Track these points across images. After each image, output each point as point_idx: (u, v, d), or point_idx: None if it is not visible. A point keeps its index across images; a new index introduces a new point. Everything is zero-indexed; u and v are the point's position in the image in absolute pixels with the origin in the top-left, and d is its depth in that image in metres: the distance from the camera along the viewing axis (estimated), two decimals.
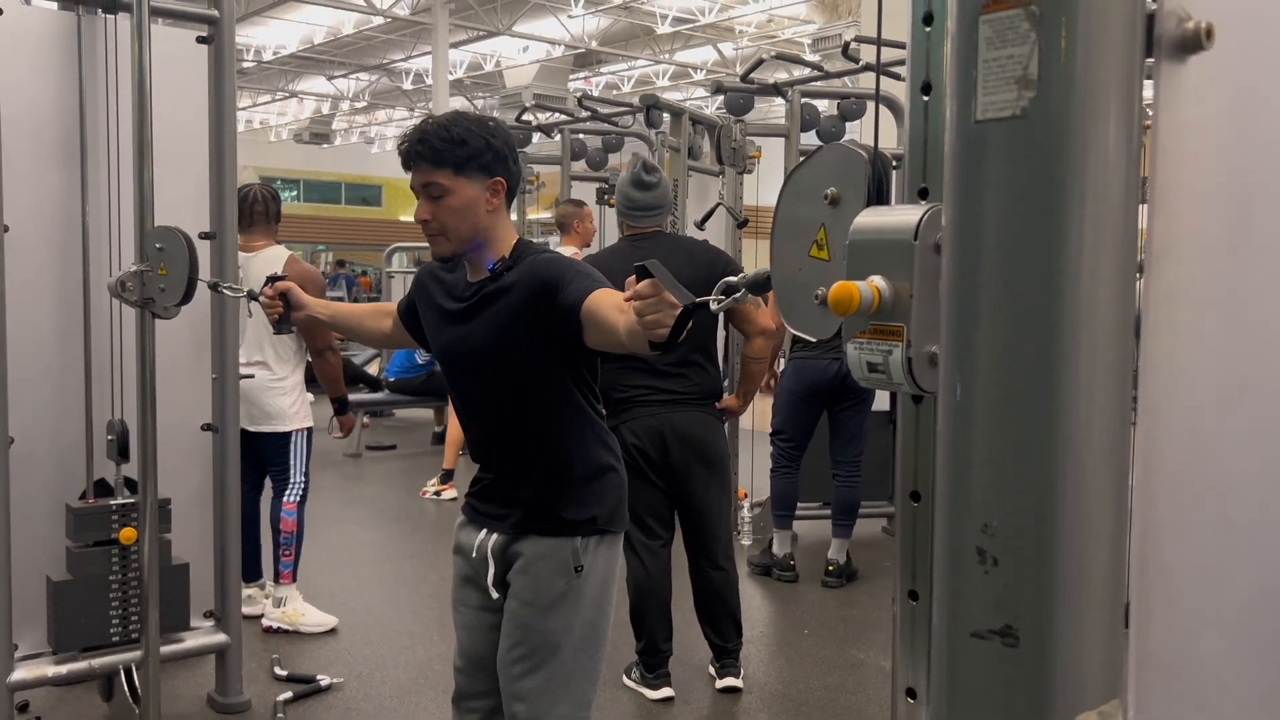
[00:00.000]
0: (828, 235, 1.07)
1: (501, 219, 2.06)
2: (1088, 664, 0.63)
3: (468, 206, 1.99)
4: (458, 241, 2.02)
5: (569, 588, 2.04)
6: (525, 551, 2.07)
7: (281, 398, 4.05)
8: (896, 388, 0.95)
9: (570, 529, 2.05)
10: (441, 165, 1.97)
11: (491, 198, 2.02)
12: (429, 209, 2.00)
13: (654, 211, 3.58)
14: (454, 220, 1.99)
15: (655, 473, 3.47)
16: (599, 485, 2.09)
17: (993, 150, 0.63)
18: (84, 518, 2.95)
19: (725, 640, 3.59)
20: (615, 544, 2.13)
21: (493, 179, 2.01)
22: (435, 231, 2.01)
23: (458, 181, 1.98)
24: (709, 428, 3.51)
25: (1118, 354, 0.63)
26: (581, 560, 2.04)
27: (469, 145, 1.97)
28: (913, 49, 0.96)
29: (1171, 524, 0.69)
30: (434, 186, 1.98)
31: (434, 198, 1.99)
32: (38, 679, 2.95)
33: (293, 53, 20.09)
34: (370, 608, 4.42)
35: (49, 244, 3.01)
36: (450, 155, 1.96)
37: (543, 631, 2.04)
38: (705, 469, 3.49)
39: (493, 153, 2.00)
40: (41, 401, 3.01)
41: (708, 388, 3.52)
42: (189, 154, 3.13)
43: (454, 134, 1.97)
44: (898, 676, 1.06)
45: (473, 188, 1.99)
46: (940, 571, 0.69)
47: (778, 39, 18.02)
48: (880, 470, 5.32)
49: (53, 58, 2.99)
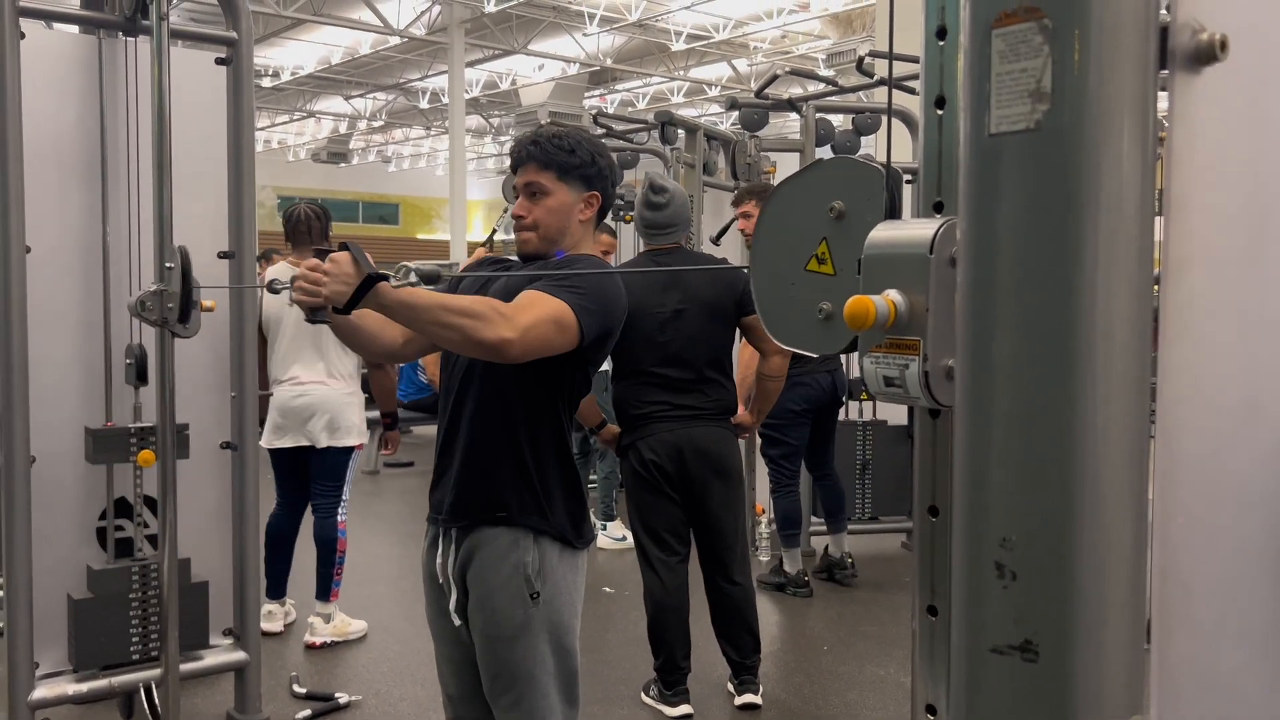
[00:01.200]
0: (831, 249, 1.07)
1: (588, 233, 2.17)
2: (1108, 679, 0.62)
3: (562, 210, 2.11)
4: (544, 241, 2.11)
5: (528, 617, 2.01)
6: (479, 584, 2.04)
7: (355, 412, 4.09)
8: (913, 402, 0.95)
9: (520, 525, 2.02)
10: (548, 167, 2.09)
11: (585, 209, 2.14)
12: (527, 206, 2.11)
13: (667, 230, 3.58)
14: (547, 219, 2.10)
15: (671, 488, 3.47)
16: (556, 495, 2.06)
17: (1007, 163, 0.63)
18: (103, 439, 2.96)
19: (743, 656, 3.57)
20: (576, 563, 2.09)
21: (590, 192, 2.13)
22: (527, 228, 2.11)
23: (559, 185, 2.10)
24: (725, 442, 3.51)
25: (1135, 367, 0.62)
26: (536, 587, 2.01)
27: (576, 155, 2.10)
28: (926, 63, 0.96)
29: (1192, 538, 0.69)
30: (535, 185, 2.09)
31: (534, 196, 2.10)
32: (59, 697, 2.96)
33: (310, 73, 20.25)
34: (388, 625, 4.42)
35: (71, 264, 3.04)
36: (557, 160, 2.09)
37: (513, 663, 2.02)
38: (721, 484, 3.48)
39: (596, 169, 2.13)
40: (63, 421, 3.03)
41: (724, 403, 3.52)
42: (208, 174, 3.16)
43: (565, 143, 2.10)
44: (917, 692, 1.05)
45: (571, 194, 2.11)
46: (959, 586, 0.68)
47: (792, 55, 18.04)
48: (898, 485, 5.31)
49: (74, 80, 3.02)
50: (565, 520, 2.06)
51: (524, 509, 2.02)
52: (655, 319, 3.45)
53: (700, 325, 3.45)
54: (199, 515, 3.12)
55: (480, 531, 2.04)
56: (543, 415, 2.05)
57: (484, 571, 2.03)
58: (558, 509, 2.05)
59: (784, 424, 4.82)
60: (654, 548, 3.52)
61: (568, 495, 2.07)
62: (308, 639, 4.09)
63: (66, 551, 3.03)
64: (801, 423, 4.80)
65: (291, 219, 4.09)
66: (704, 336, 3.45)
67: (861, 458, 5.38)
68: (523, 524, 2.02)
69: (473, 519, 2.05)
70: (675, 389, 3.44)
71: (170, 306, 2.66)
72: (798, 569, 4.90)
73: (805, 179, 1.13)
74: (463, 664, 2.14)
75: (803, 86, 11.91)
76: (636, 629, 4.43)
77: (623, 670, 3.94)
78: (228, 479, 3.27)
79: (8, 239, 2.81)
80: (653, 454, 3.43)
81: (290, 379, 4.00)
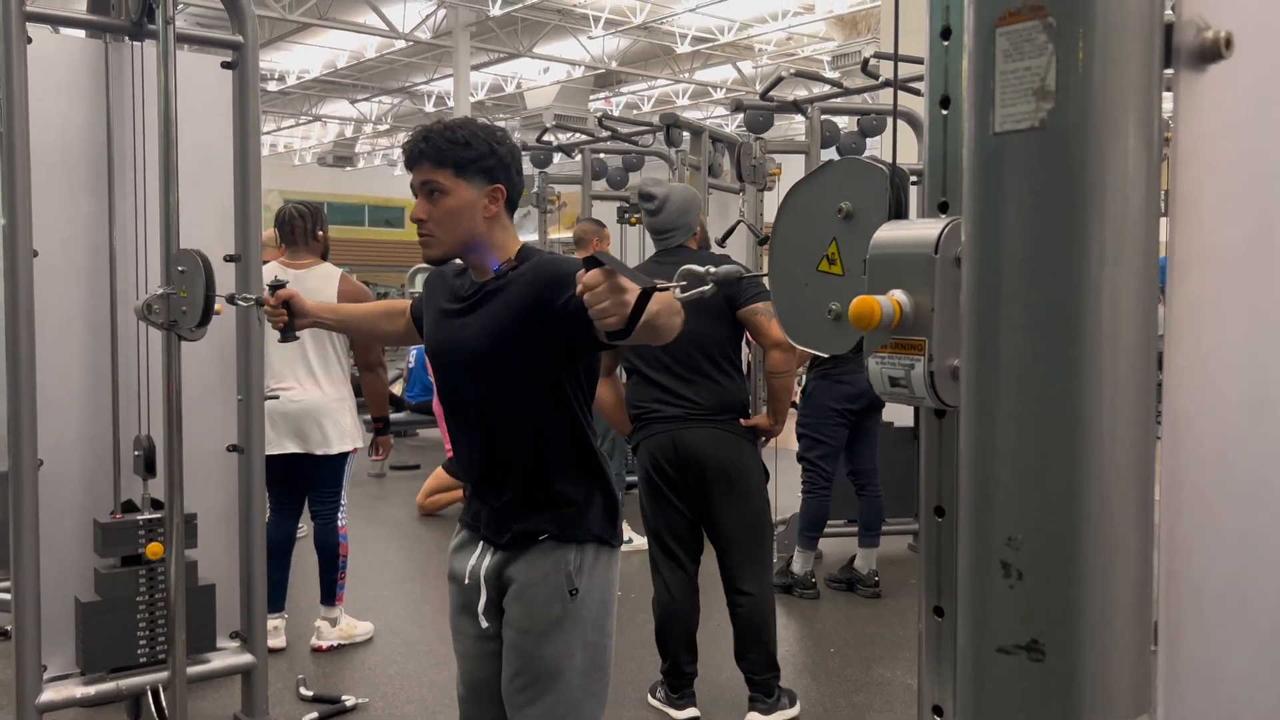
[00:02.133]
0: (840, 249, 1.06)
1: (500, 225, 2.05)
2: (1115, 679, 0.62)
3: (464, 209, 1.98)
4: (449, 244, 2.00)
5: (565, 612, 1.99)
6: (518, 577, 2.03)
7: (347, 417, 4.08)
8: (919, 402, 0.94)
9: (562, 539, 2.00)
10: (443, 165, 1.97)
11: (490, 204, 2.01)
12: (425, 208, 1.99)
13: (665, 233, 3.53)
14: (448, 221, 1.98)
15: (672, 490, 3.41)
16: (590, 498, 2.04)
17: (1011, 162, 0.63)
18: (111, 532, 2.98)
19: (752, 672, 3.46)
20: (611, 561, 2.07)
21: (493, 185, 2.01)
22: (427, 232, 2.00)
23: (457, 183, 1.97)
24: (723, 444, 3.37)
25: (1141, 366, 0.62)
26: (576, 583, 1.99)
27: (472, 148, 1.97)
28: (931, 63, 0.96)
29: (1199, 538, 0.69)
30: (433, 184, 1.97)
31: (432, 196, 1.98)
32: (66, 700, 2.97)
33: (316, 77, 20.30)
34: (395, 628, 4.43)
35: (77, 268, 3.04)
36: (452, 156, 1.96)
37: (542, 659, 2.00)
38: (723, 488, 3.37)
39: (495, 159, 2.00)
40: (70, 424, 3.04)
41: (721, 401, 3.38)
42: (214, 178, 3.17)
43: (459, 136, 1.97)
44: (924, 693, 1.05)
45: (471, 191, 1.99)
46: (965, 586, 0.68)
47: (797, 57, 18.04)
48: (904, 487, 5.30)
49: (81, 85, 3.03)
50: (602, 520, 2.05)
51: (564, 526, 2.01)
52: None
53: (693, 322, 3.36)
54: (205, 518, 3.13)
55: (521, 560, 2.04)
56: (560, 419, 2.01)
57: (526, 567, 2.02)
58: (595, 511, 2.04)
59: (822, 423, 4.76)
60: (658, 551, 3.50)
61: (601, 495, 2.06)
62: (314, 643, 4.09)
63: (74, 555, 3.04)
64: (840, 422, 4.75)
65: (281, 220, 4.09)
66: (698, 334, 3.27)
67: None
68: (567, 538, 2.01)
69: (513, 546, 2.04)
70: (669, 388, 3.37)
71: (184, 310, 2.65)
72: (806, 570, 4.89)
73: (816, 181, 1.13)
74: (480, 663, 2.13)
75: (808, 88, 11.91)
76: (643, 631, 4.42)
77: (629, 672, 3.94)
78: (234, 482, 3.28)
79: (15, 243, 2.82)
80: (650, 455, 3.40)
81: (282, 386, 3.99)
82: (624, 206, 7.52)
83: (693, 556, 3.51)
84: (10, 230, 2.82)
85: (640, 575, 5.40)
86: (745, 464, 3.43)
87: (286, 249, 4.10)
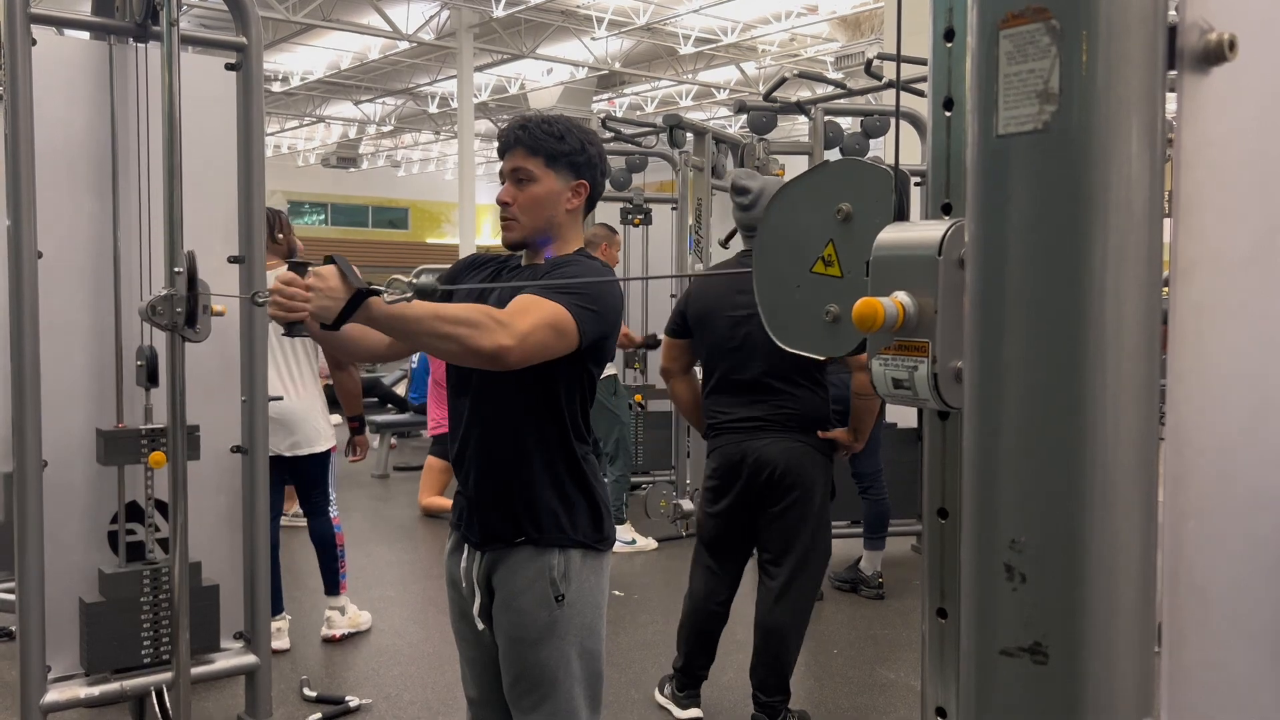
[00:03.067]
0: (837, 251, 1.06)
1: (575, 222, 2.11)
2: (1119, 681, 0.62)
3: (548, 198, 2.05)
4: (528, 229, 2.06)
5: (554, 619, 2.00)
6: (502, 586, 2.04)
7: (320, 418, 4.11)
8: (922, 404, 0.94)
9: (542, 545, 2.00)
10: (535, 153, 2.03)
11: (572, 197, 2.08)
12: (511, 193, 2.05)
13: (753, 232, 3.44)
14: (532, 208, 2.04)
15: (735, 498, 3.36)
16: (574, 503, 2.04)
17: (1015, 164, 0.63)
18: (114, 441, 2.97)
19: (760, 689, 3.37)
20: (599, 565, 2.07)
21: (578, 180, 2.07)
22: (510, 216, 2.06)
23: (546, 172, 2.04)
24: (792, 455, 3.28)
25: (1144, 368, 0.62)
26: (562, 590, 2.00)
27: (565, 142, 2.04)
28: (934, 65, 0.96)
29: (1203, 540, 0.68)
30: (522, 171, 2.04)
31: (520, 183, 2.04)
32: (70, 700, 2.97)
33: (320, 78, 20.32)
34: (398, 629, 4.43)
35: (82, 270, 3.05)
36: (545, 146, 2.03)
37: (537, 665, 2.00)
38: (782, 501, 3.30)
39: (585, 156, 2.07)
40: (75, 425, 3.04)
41: (797, 413, 3.30)
42: (218, 179, 3.17)
43: (555, 129, 2.04)
44: (927, 695, 1.05)
45: (558, 182, 2.05)
46: (968, 588, 0.68)
47: (800, 58, 18.04)
48: (908, 488, 5.30)
49: (85, 86, 3.04)
50: (588, 526, 2.05)
51: (545, 530, 2.01)
52: (728, 323, 3.33)
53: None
54: (210, 519, 3.13)
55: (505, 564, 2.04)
56: (551, 426, 2.02)
57: (510, 575, 2.03)
58: (580, 518, 2.04)
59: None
60: (704, 551, 3.50)
61: (586, 501, 2.06)
62: (325, 632, 4.15)
63: (78, 555, 3.05)
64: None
65: None
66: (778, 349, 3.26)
67: None
68: (546, 543, 2.01)
69: (496, 543, 2.05)
70: (743, 399, 3.32)
71: (179, 311, 2.67)
72: (874, 570, 4.91)
73: (810, 181, 1.12)
74: (485, 667, 2.14)
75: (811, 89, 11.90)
76: (646, 632, 4.43)
77: (632, 674, 3.94)
78: (238, 483, 3.28)
79: (19, 244, 2.83)
80: (719, 463, 3.38)
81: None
82: (627, 208, 7.51)
83: (737, 564, 3.49)
84: (14, 231, 2.83)
85: (644, 576, 5.41)
86: (813, 479, 3.33)
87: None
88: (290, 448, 4.03)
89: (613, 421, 5.91)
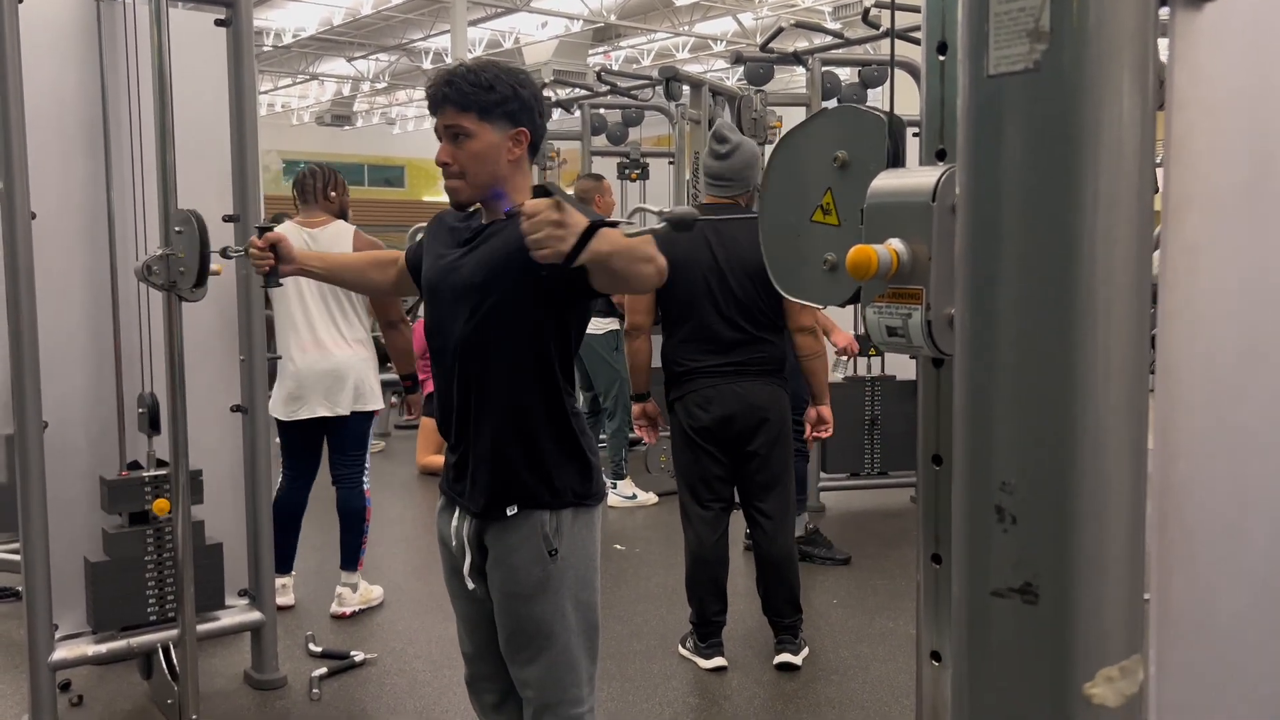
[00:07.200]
0: (835, 199, 1.06)
1: (521, 170, 2.04)
2: (1108, 620, 0.63)
3: (489, 152, 1.97)
4: (475, 188, 2.00)
5: (548, 574, 1.99)
6: (495, 544, 2.03)
7: (375, 376, 4.07)
8: (916, 351, 0.95)
9: (536, 502, 1.99)
10: (467, 109, 1.95)
11: (514, 147, 2.00)
12: (450, 152, 1.98)
13: (722, 182, 3.50)
14: (474, 165, 1.97)
15: (714, 444, 3.47)
16: (563, 461, 2.02)
17: (1006, 105, 0.63)
18: (118, 489, 3.00)
19: (779, 615, 3.58)
20: (591, 519, 2.06)
21: (517, 128, 1.99)
22: (454, 175, 1.99)
23: (481, 126, 1.96)
24: (770, 397, 3.46)
25: (1135, 310, 0.62)
26: (554, 544, 1.99)
27: (496, 91, 1.96)
28: (928, 9, 0.95)
29: (1191, 482, 0.69)
30: (457, 128, 1.96)
31: (456, 139, 1.97)
32: (78, 658, 3.01)
33: (312, 35, 20.09)
34: (401, 584, 4.47)
35: (76, 230, 3.04)
36: (476, 99, 1.95)
37: (533, 620, 2.01)
38: (763, 438, 3.45)
39: (519, 102, 1.99)
40: (74, 386, 3.05)
41: (772, 360, 3.46)
42: (211, 138, 3.15)
43: (482, 79, 1.96)
44: (922, 640, 1.06)
45: (496, 134, 1.97)
46: (960, 531, 0.69)
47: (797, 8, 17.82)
48: (906, 440, 5.32)
49: (74, 46, 3.01)
50: (576, 483, 2.03)
51: (533, 495, 2.00)
52: (698, 274, 3.41)
53: (743, 284, 3.38)
54: (211, 478, 3.15)
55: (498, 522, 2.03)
56: (537, 384, 2.00)
57: (502, 533, 2.02)
58: (570, 477, 2.02)
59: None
60: (692, 503, 3.55)
61: (574, 460, 2.04)
62: (336, 609, 4.08)
63: (81, 515, 3.07)
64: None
65: (296, 182, 4.13)
66: (748, 296, 3.38)
67: (870, 413, 5.39)
68: (537, 504, 2.00)
69: (484, 509, 2.03)
70: (720, 346, 3.41)
71: (182, 271, 2.66)
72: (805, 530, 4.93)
73: (810, 129, 1.12)
74: (478, 623, 2.15)
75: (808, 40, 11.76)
76: (648, 585, 4.47)
77: (633, 626, 3.98)
78: (239, 442, 3.30)
79: (13, 206, 2.82)
80: (697, 409, 3.44)
81: (310, 345, 3.95)
82: (624, 162, 7.47)
83: (725, 508, 3.57)
84: (8, 193, 2.81)
85: (645, 530, 5.45)
86: (784, 415, 3.51)
87: (301, 209, 4.10)
88: (335, 405, 3.93)
89: (613, 376, 5.91)
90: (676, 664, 3.63)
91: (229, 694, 3.40)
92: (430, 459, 6.63)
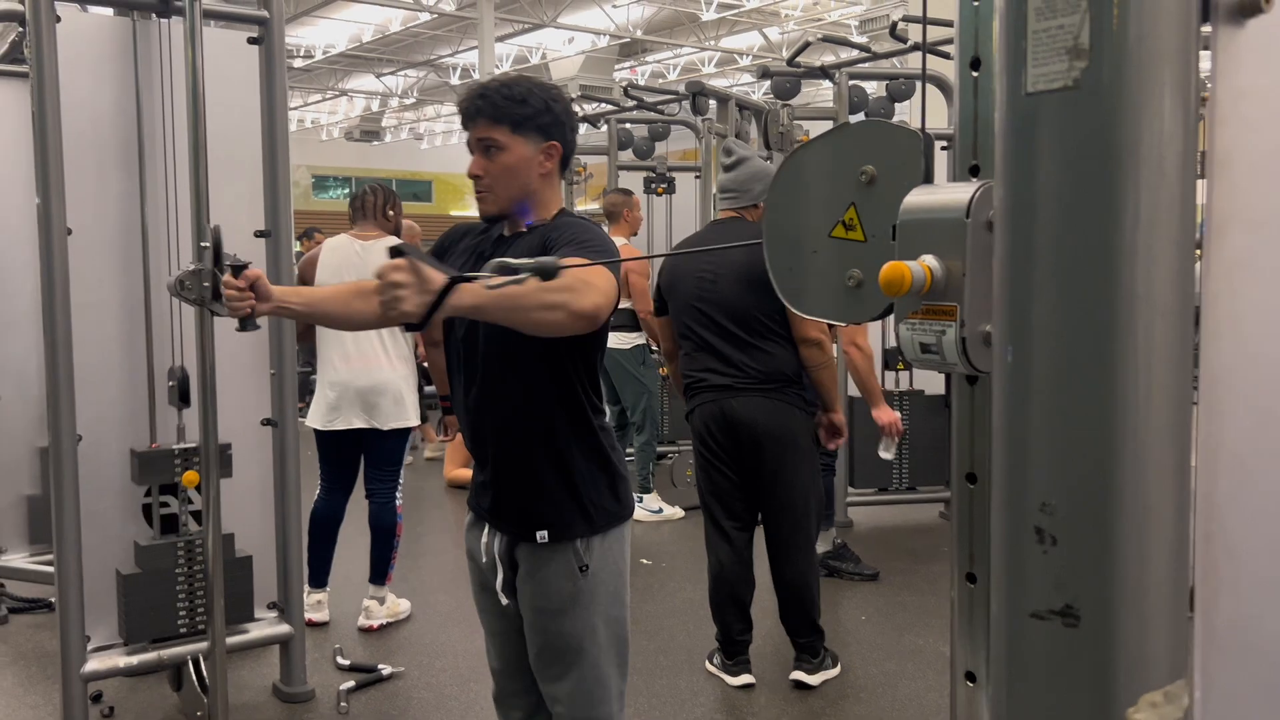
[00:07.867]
0: (860, 215, 1.05)
1: (551, 185, 2.03)
2: (1151, 643, 0.62)
3: (520, 165, 1.97)
4: (505, 201, 1.99)
5: (578, 589, 1.98)
6: (526, 559, 2.02)
7: (413, 393, 4.11)
8: (950, 368, 0.94)
9: (568, 532, 1.97)
10: (499, 121, 1.95)
11: (545, 161, 1.99)
12: (482, 165, 1.97)
13: (730, 194, 3.50)
14: (505, 178, 1.97)
15: (722, 460, 3.44)
16: (592, 477, 2.00)
17: (1044, 123, 0.62)
18: (148, 461, 3.03)
19: (795, 634, 3.55)
20: (621, 534, 2.05)
21: (548, 142, 1.99)
22: (484, 188, 1.98)
23: (513, 139, 1.95)
24: (770, 412, 3.35)
25: (1177, 329, 0.61)
26: (585, 560, 1.98)
27: (528, 105, 1.95)
28: (961, 24, 0.95)
29: (1236, 501, 0.68)
30: (489, 140, 1.95)
31: (488, 153, 1.96)
32: (110, 669, 3.03)
33: (342, 51, 20.30)
34: (429, 598, 4.48)
35: (111, 246, 3.08)
36: (509, 112, 1.95)
37: (563, 635, 1.99)
38: (770, 455, 3.37)
39: (551, 116, 1.98)
40: (107, 399, 3.08)
41: (771, 369, 3.34)
42: (243, 154, 3.19)
43: (515, 92, 1.95)
44: (956, 660, 1.05)
45: (528, 148, 1.97)
46: (998, 552, 0.68)
47: (824, 22, 17.82)
48: (936, 454, 5.28)
49: (110, 63, 3.05)
50: (607, 499, 2.02)
51: (565, 520, 1.98)
52: (695, 283, 3.42)
53: (738, 293, 3.32)
54: (242, 491, 3.17)
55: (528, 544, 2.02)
56: (559, 402, 1.98)
57: (532, 550, 2.01)
58: (600, 495, 2.00)
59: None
60: (709, 521, 3.55)
61: (603, 474, 2.03)
62: (363, 622, 4.10)
63: (114, 528, 3.10)
64: None
65: (354, 197, 4.23)
66: (744, 305, 3.31)
67: None
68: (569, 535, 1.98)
69: (518, 536, 2.02)
70: (719, 357, 3.39)
71: (206, 285, 2.68)
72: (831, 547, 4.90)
73: (828, 143, 1.11)
74: (507, 638, 2.14)
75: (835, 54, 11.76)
76: (675, 600, 4.45)
77: (661, 640, 3.97)
78: (269, 455, 3.32)
79: (50, 222, 2.86)
80: (701, 424, 3.44)
81: (354, 358, 3.99)
82: (650, 177, 7.48)
83: (745, 527, 3.52)
84: (44, 209, 2.85)
85: (671, 544, 5.43)
86: (788, 431, 3.40)
87: (357, 223, 4.18)
88: (372, 419, 3.96)
89: (640, 391, 5.91)
90: (704, 680, 3.61)
91: (257, 706, 3.42)
92: (459, 472, 6.64)
